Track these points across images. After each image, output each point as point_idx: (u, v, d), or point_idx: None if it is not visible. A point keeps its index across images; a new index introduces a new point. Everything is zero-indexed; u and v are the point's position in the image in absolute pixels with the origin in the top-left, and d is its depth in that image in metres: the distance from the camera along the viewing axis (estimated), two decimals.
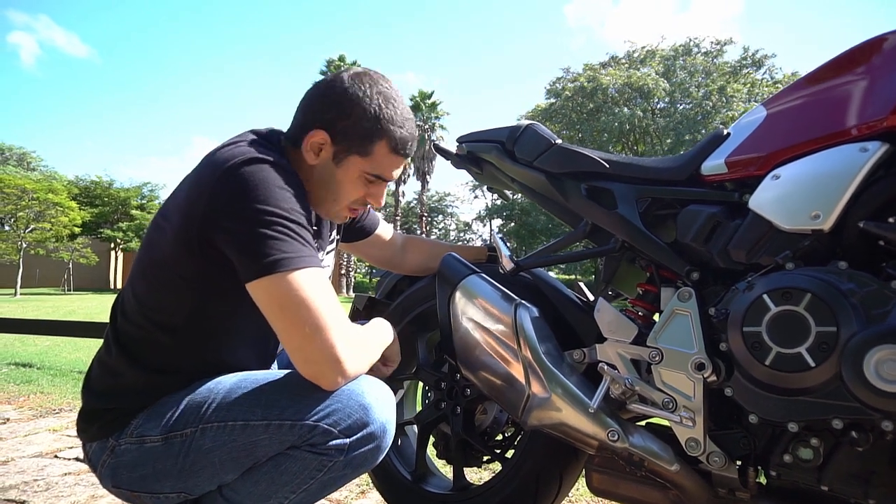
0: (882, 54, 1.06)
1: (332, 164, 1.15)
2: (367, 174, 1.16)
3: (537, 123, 1.54)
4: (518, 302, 1.32)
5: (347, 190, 1.17)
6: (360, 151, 1.13)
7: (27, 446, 2.37)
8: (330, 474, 1.02)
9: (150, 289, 1.09)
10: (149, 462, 1.05)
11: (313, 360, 0.97)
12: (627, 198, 1.32)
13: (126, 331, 1.11)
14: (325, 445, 0.99)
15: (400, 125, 1.15)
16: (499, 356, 1.31)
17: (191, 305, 1.08)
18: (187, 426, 1.03)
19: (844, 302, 0.94)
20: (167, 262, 1.06)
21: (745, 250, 1.11)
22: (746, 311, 1.02)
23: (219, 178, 1.00)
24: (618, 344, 1.21)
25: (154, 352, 1.09)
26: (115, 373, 1.11)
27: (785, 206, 1.07)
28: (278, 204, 0.99)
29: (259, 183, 0.99)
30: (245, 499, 1.04)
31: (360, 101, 1.12)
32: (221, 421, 1.02)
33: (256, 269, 0.97)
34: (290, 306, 0.96)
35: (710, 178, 1.23)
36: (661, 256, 1.24)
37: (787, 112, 1.18)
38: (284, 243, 0.98)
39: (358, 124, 1.12)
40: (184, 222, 1.03)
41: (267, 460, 1.02)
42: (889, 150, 0.99)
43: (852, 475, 0.96)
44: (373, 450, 1.04)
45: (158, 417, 1.06)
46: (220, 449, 1.01)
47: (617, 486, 1.22)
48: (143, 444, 1.05)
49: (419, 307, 1.64)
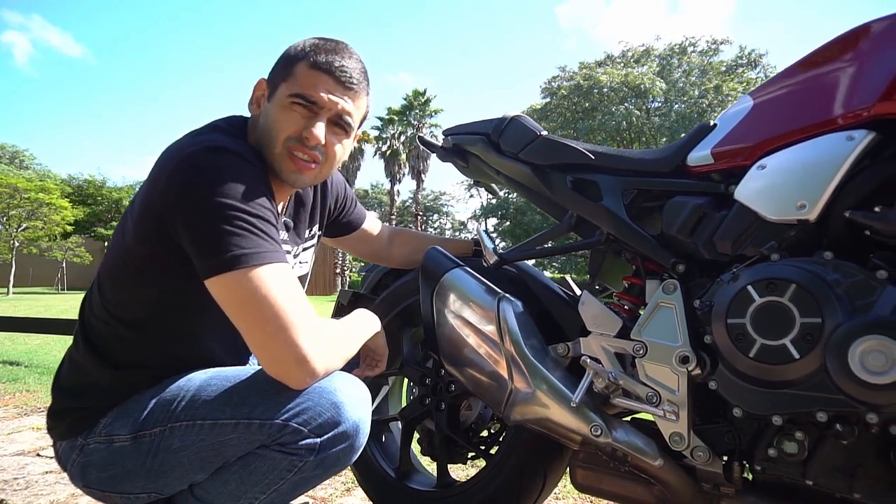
0: (868, 42, 1.04)
1: (268, 104, 1.10)
2: (292, 96, 1.06)
3: (523, 115, 1.52)
4: (501, 296, 1.30)
5: (279, 122, 1.07)
6: (284, 76, 1.08)
7: (9, 444, 2.34)
8: (301, 474, 0.99)
9: (114, 283, 1.07)
10: (118, 462, 1.02)
11: (278, 359, 0.93)
12: (613, 190, 1.30)
13: (93, 327, 1.08)
14: (295, 445, 0.96)
15: (326, 51, 1.08)
16: (481, 350, 1.29)
17: (154, 299, 1.05)
18: (156, 425, 1.01)
19: (829, 293, 0.92)
20: (129, 255, 1.03)
21: (731, 241, 1.09)
22: (730, 303, 1.00)
23: (176, 167, 0.96)
24: (602, 337, 1.19)
25: (121, 348, 1.07)
26: (84, 370, 1.08)
27: (771, 197, 1.05)
28: (237, 196, 0.94)
29: (218, 173, 0.95)
30: (215, 498, 1.02)
31: (294, 44, 1.11)
32: (190, 420, 0.99)
33: (214, 266, 0.93)
34: (251, 304, 0.92)
35: (696, 169, 1.21)
36: (647, 249, 1.22)
37: (774, 102, 1.17)
38: (243, 238, 0.93)
39: (284, 56, 1.10)
40: (143, 214, 1.00)
41: (237, 460, 0.99)
42: (875, 139, 0.97)
43: (837, 469, 0.95)
44: (345, 449, 1.00)
45: (127, 416, 1.03)
46: (189, 448, 0.98)
47: (601, 482, 1.20)
48: (112, 444, 1.03)
49: (404, 302, 1.61)
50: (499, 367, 1.26)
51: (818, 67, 1.10)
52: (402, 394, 1.80)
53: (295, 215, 1.24)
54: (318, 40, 1.10)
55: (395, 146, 37.39)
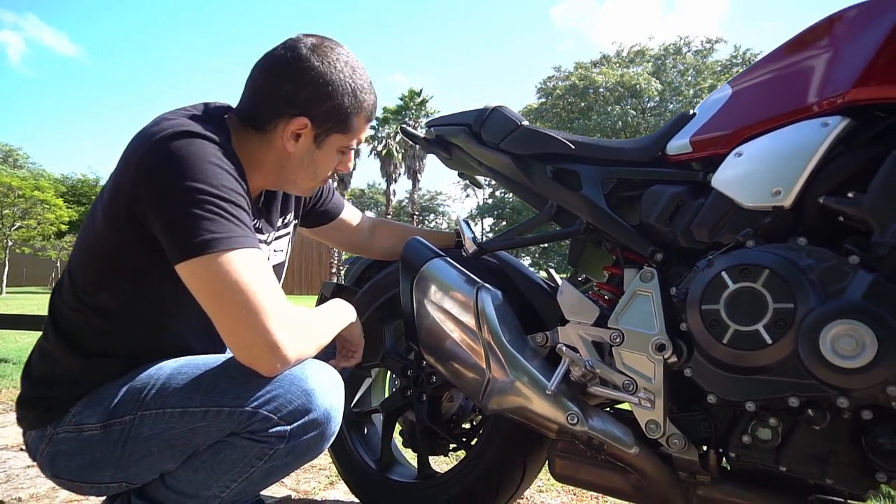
0: (842, 30, 1.04)
1: (314, 147, 1.11)
2: (345, 148, 1.15)
3: (505, 106, 1.51)
4: (480, 285, 1.29)
5: (327, 166, 1.16)
6: (341, 129, 1.11)
7: None
8: (272, 462, 0.98)
9: (84, 270, 1.05)
10: (87, 451, 1.01)
11: (248, 344, 0.92)
12: (593, 179, 1.29)
13: (64, 315, 1.07)
14: (265, 433, 0.95)
15: (369, 92, 1.14)
16: (460, 340, 1.28)
17: (123, 287, 1.03)
18: (126, 413, 0.99)
19: (802, 278, 0.92)
20: (98, 242, 1.02)
21: (708, 229, 1.09)
22: (705, 289, 0.99)
23: (146, 151, 0.94)
24: (579, 326, 1.19)
25: (91, 336, 1.05)
26: (53, 359, 1.07)
27: (746, 184, 1.05)
28: (207, 180, 0.93)
29: (188, 157, 0.93)
30: (186, 487, 1.00)
31: (334, 81, 1.07)
32: (160, 408, 0.97)
33: (184, 251, 0.91)
34: (220, 289, 0.90)
35: (675, 157, 1.21)
36: (625, 237, 1.22)
37: (752, 89, 1.16)
38: (214, 223, 0.91)
39: (340, 106, 1.08)
40: (112, 200, 0.99)
41: (207, 448, 0.98)
42: (850, 125, 0.97)
43: (810, 455, 0.94)
44: (316, 437, 0.99)
45: (97, 405, 1.02)
46: (159, 437, 0.97)
47: (579, 472, 1.20)
48: (81, 433, 1.01)
49: (386, 293, 1.61)
50: (476, 357, 1.25)
51: (794, 55, 1.10)
52: (385, 386, 1.79)
53: (266, 203, 1.23)
54: (358, 78, 1.10)
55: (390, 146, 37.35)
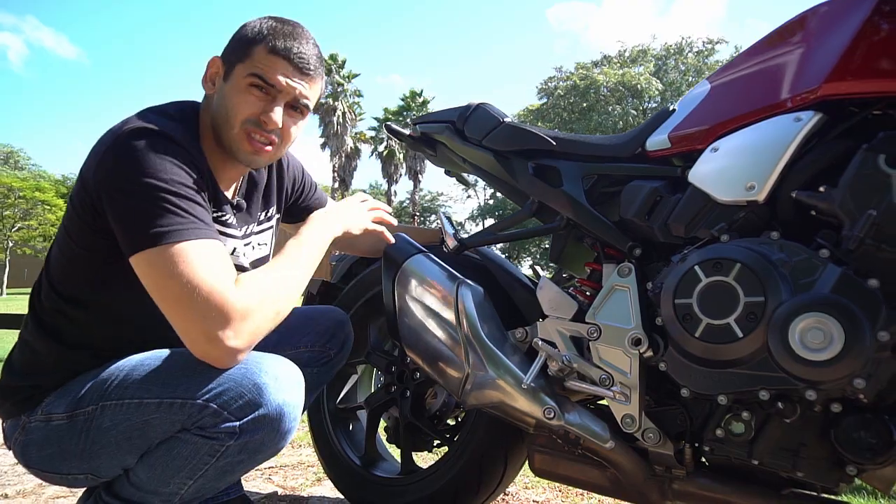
0: (815, 25, 1.04)
1: (224, 84, 1.08)
2: (250, 76, 1.05)
3: (488, 103, 1.51)
4: (461, 281, 1.29)
5: (236, 103, 1.06)
6: (241, 57, 1.07)
7: None
8: (224, 459, 0.97)
9: (58, 263, 1.06)
10: (54, 441, 1.02)
11: (195, 339, 0.91)
12: (573, 175, 1.30)
13: (43, 307, 1.08)
14: (215, 429, 0.94)
15: (284, 35, 1.07)
16: (440, 335, 1.29)
17: (94, 279, 1.05)
18: (90, 404, 1.00)
19: (773, 272, 0.92)
20: (69, 234, 1.03)
21: (685, 224, 1.09)
22: (678, 284, 1.00)
23: (105, 150, 0.97)
24: (557, 321, 1.19)
25: (66, 326, 1.06)
26: (32, 348, 1.08)
27: (721, 179, 1.05)
28: (158, 175, 0.94)
29: (141, 154, 0.95)
30: (146, 483, 1.01)
31: (249, 23, 1.10)
32: (119, 399, 0.98)
33: (132, 244, 0.93)
34: (164, 283, 0.91)
35: (654, 153, 1.21)
36: (605, 233, 1.22)
37: (729, 85, 1.17)
38: (161, 217, 0.92)
39: (241, 37, 1.09)
40: (78, 192, 1.01)
41: (162, 444, 0.98)
42: (822, 119, 0.98)
43: (781, 448, 0.95)
44: (268, 434, 0.97)
45: (66, 395, 1.03)
46: (117, 428, 0.98)
47: (557, 467, 1.20)
48: (49, 423, 1.02)
49: (371, 290, 1.61)
50: (456, 352, 1.25)
51: (770, 51, 1.10)
52: (371, 382, 1.79)
53: (247, 195, 1.24)
54: (274, 23, 1.09)
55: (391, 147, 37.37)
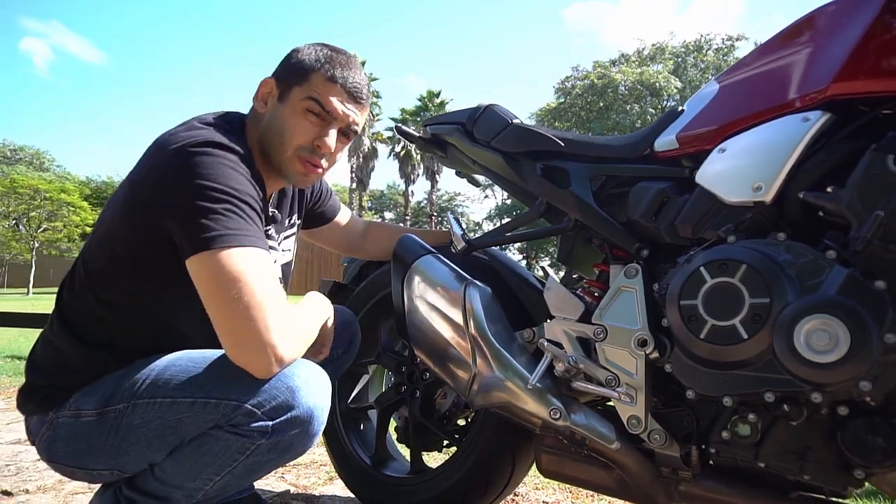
0: (824, 24, 1.03)
1: (279, 105, 1.14)
2: (307, 100, 1.11)
3: (498, 104, 1.52)
4: (469, 281, 1.30)
5: (293, 127, 1.12)
6: (298, 81, 1.13)
7: (6, 434, 2.38)
8: (254, 458, 1.00)
9: (97, 265, 1.09)
10: (83, 437, 1.04)
11: (244, 343, 0.93)
12: (581, 176, 1.30)
13: (71, 306, 1.11)
14: (247, 427, 0.97)
15: (341, 65, 1.14)
16: (448, 336, 1.29)
17: (135, 285, 1.07)
18: (120, 402, 1.02)
19: (779, 273, 0.91)
20: (113, 238, 1.06)
21: (692, 225, 1.09)
22: (683, 285, 0.99)
23: (169, 163, 0.99)
24: (564, 322, 1.19)
25: (96, 328, 1.09)
26: (56, 348, 1.10)
27: (729, 179, 1.05)
28: (227, 182, 0.98)
29: (209, 163, 0.98)
30: (172, 478, 1.03)
31: (304, 48, 1.16)
32: (151, 397, 1.00)
33: (195, 244, 0.95)
34: (225, 283, 0.93)
35: (662, 154, 1.21)
36: (612, 234, 1.22)
37: (738, 85, 1.16)
38: (229, 220, 0.96)
39: (299, 62, 1.14)
40: (130, 200, 1.03)
41: (192, 440, 1.00)
42: (830, 119, 0.97)
43: (788, 451, 0.94)
44: (298, 435, 1.00)
45: (96, 393, 1.05)
46: (148, 425, 1.00)
47: (564, 467, 1.20)
48: (79, 419, 1.05)
49: (382, 291, 1.63)
50: (464, 352, 1.26)
51: (779, 51, 1.10)
52: (382, 382, 1.81)
53: (279, 206, 1.28)
54: (330, 52, 1.16)
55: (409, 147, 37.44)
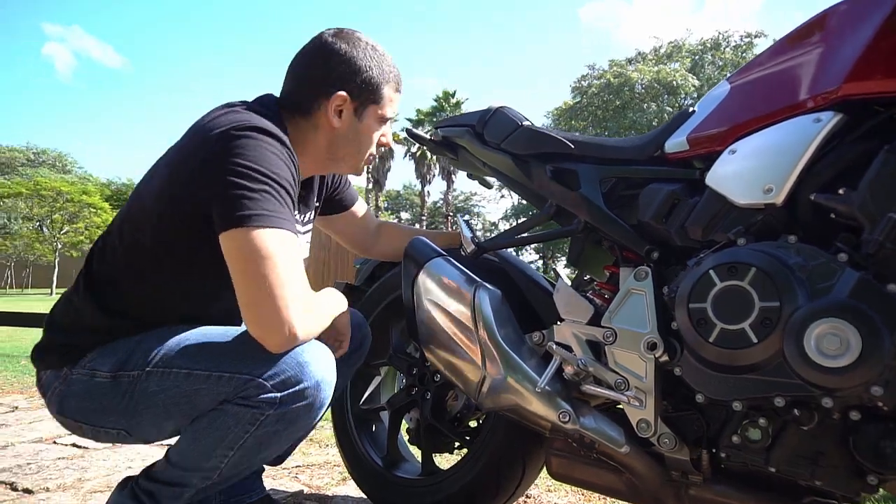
0: (836, 24, 1.02)
1: (355, 120, 1.23)
2: (381, 117, 1.26)
3: (508, 106, 1.52)
4: (479, 284, 1.30)
5: (369, 139, 1.27)
6: (374, 99, 1.23)
7: (29, 432, 2.43)
8: (263, 429, 1.04)
9: (132, 237, 1.13)
10: (96, 396, 1.10)
11: (264, 318, 0.98)
12: (591, 178, 1.30)
13: (100, 273, 1.16)
14: (256, 398, 1.02)
15: (392, 66, 1.26)
16: (458, 338, 1.30)
17: (167, 261, 1.12)
18: (135, 368, 1.08)
19: (789, 276, 0.91)
20: (149, 214, 1.11)
21: (702, 227, 1.08)
22: (693, 288, 0.99)
23: (213, 142, 1.04)
24: (574, 324, 1.19)
25: (119, 297, 1.14)
26: (78, 310, 1.15)
27: (739, 181, 1.04)
28: (268, 166, 1.03)
29: (252, 146, 1.03)
30: (187, 460, 1.08)
31: (361, 58, 1.21)
32: (167, 367, 1.06)
33: (230, 220, 1.00)
34: (253, 260, 0.98)
35: (672, 155, 1.20)
36: (622, 236, 1.21)
37: (749, 86, 1.15)
38: (266, 202, 1.01)
39: (369, 78, 1.21)
40: (170, 178, 1.09)
41: (204, 417, 1.06)
42: (842, 120, 0.96)
43: (799, 456, 0.93)
44: (306, 406, 1.06)
45: (111, 354, 1.11)
46: (164, 393, 1.06)
47: (574, 471, 1.20)
48: (93, 378, 1.10)
49: (394, 293, 1.63)
50: (473, 355, 1.26)
51: (790, 51, 1.09)
52: (394, 383, 1.81)
53: (307, 186, 1.34)
54: (380, 57, 1.24)
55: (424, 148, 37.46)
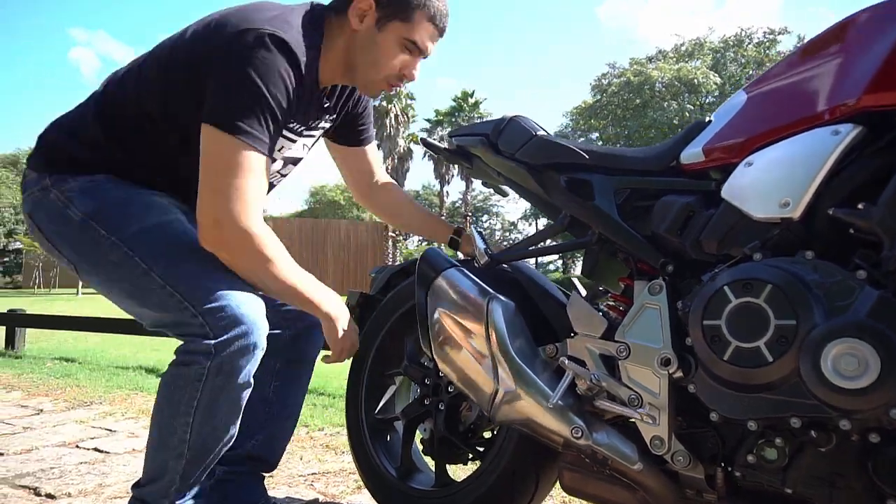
0: (855, 33, 1.00)
1: (375, 29, 1.22)
2: (405, 40, 1.23)
3: (522, 115, 1.51)
4: (492, 296, 1.30)
5: (387, 56, 1.24)
6: (402, 17, 1.21)
7: (53, 436, 2.47)
8: (210, 385, 1.12)
9: (153, 73, 1.21)
10: (61, 224, 1.21)
11: (213, 218, 1.10)
12: (605, 189, 1.28)
13: (115, 96, 1.24)
14: (193, 353, 1.11)
15: (440, 2, 1.24)
16: (471, 350, 1.29)
17: (168, 117, 1.20)
18: (106, 228, 1.17)
19: (806, 294, 0.89)
20: (163, 73, 1.19)
21: (717, 241, 1.07)
22: (707, 304, 0.97)
23: (233, 36, 1.11)
24: (587, 338, 1.18)
25: (122, 125, 1.22)
26: (83, 118, 1.25)
27: (755, 194, 1.02)
28: (267, 84, 1.09)
29: (262, 58, 1.09)
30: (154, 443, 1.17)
31: None
32: (131, 251, 1.16)
33: (217, 115, 1.09)
34: (223, 168, 1.08)
35: (688, 166, 1.19)
36: (637, 249, 1.20)
37: (766, 96, 1.13)
38: (251, 117, 1.08)
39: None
40: (188, 48, 1.17)
41: (160, 390, 1.17)
42: (862, 133, 0.94)
43: (817, 478, 0.91)
44: (237, 353, 1.12)
45: (91, 197, 1.20)
46: (118, 272, 1.18)
47: (586, 486, 1.19)
48: (66, 208, 1.20)
49: (409, 302, 1.63)
50: (486, 367, 1.26)
51: (808, 61, 1.06)
52: (409, 393, 1.81)
53: (329, 97, 1.39)
54: (444, 6, 1.25)
55: None
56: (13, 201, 34.27)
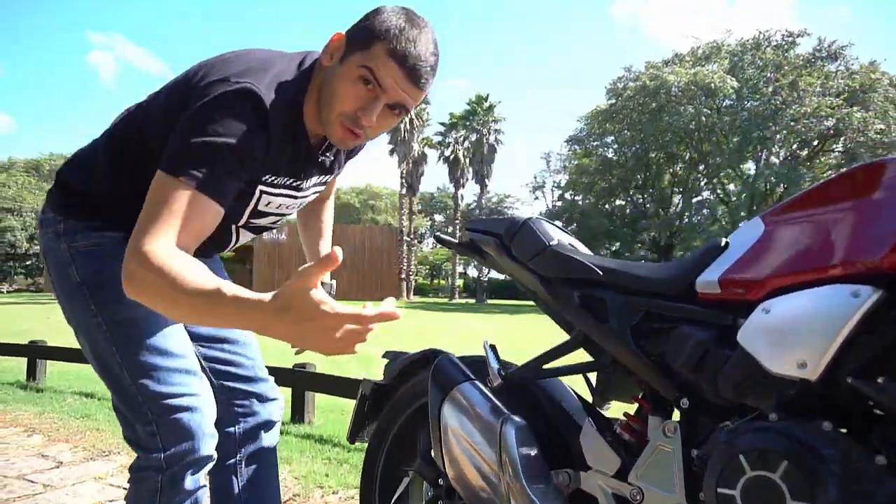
0: (887, 180, 0.97)
1: (338, 65, 1.11)
2: (361, 67, 1.08)
3: (536, 219, 1.50)
4: (506, 417, 1.29)
5: (343, 87, 1.10)
6: (361, 47, 1.09)
7: (71, 498, 2.51)
8: (165, 494, 1.22)
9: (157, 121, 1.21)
10: (62, 280, 1.28)
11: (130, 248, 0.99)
12: (620, 310, 1.27)
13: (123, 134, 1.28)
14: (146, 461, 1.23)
15: (409, 40, 1.07)
16: (482, 472, 1.29)
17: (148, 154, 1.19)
18: (94, 304, 1.24)
19: (823, 475, 0.87)
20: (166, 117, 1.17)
21: (732, 388, 1.05)
22: (721, 472, 0.96)
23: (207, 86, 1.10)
24: (600, 475, 1.17)
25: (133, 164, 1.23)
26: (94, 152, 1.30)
27: (772, 347, 1.00)
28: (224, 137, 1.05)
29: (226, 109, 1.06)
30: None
31: (384, 10, 1.11)
32: (113, 340, 1.24)
33: (163, 161, 1.06)
34: (159, 202, 1.02)
35: (703, 295, 1.17)
36: (652, 380, 1.19)
37: (784, 232, 1.11)
38: (197, 163, 1.03)
39: (368, 27, 1.10)
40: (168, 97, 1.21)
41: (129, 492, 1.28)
42: (882, 297, 0.91)
43: None
44: (188, 464, 1.23)
45: (92, 264, 1.26)
46: (97, 349, 1.26)
47: None
48: (68, 266, 1.26)
49: (423, 398, 1.63)
50: (497, 492, 1.25)
51: (832, 201, 1.03)
52: (423, 492, 1.81)
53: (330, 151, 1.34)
54: (404, 23, 1.09)
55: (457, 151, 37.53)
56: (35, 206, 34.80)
